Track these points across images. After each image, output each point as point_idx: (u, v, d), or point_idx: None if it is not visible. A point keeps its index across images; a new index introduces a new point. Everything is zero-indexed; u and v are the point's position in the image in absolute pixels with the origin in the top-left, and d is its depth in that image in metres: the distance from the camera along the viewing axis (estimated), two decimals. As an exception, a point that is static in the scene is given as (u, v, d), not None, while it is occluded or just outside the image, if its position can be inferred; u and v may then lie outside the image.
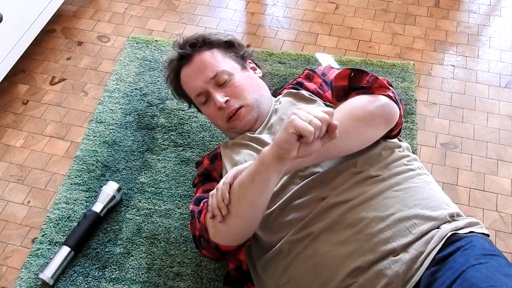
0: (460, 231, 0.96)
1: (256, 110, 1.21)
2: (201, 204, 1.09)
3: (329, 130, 0.87)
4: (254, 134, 1.20)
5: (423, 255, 0.93)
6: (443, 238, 0.94)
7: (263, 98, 1.24)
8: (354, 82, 1.09)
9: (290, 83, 1.30)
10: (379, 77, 1.07)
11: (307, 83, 1.25)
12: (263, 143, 1.15)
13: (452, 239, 0.94)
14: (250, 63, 1.34)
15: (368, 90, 1.06)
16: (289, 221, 1.04)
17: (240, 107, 1.20)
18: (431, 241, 0.94)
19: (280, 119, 1.18)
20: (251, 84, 1.25)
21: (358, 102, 1.04)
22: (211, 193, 1.03)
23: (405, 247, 0.94)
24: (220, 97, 1.19)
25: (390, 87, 1.07)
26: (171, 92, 1.39)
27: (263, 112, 1.23)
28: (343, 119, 1.00)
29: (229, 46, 1.30)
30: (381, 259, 0.94)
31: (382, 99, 1.04)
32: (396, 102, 1.06)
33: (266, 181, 0.94)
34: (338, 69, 1.30)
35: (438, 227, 0.97)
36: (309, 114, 0.86)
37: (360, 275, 0.93)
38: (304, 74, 1.30)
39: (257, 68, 1.35)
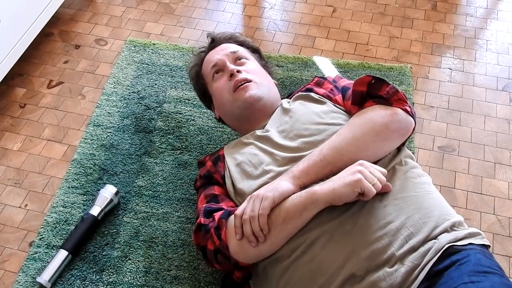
0: (458, 243, 0.95)
1: (263, 91, 1.26)
2: (216, 219, 1.09)
3: (382, 188, 0.99)
4: (262, 132, 1.22)
5: (419, 268, 0.92)
6: (439, 251, 0.94)
7: (272, 89, 1.31)
8: (373, 90, 1.11)
9: (299, 89, 1.33)
10: (399, 90, 1.09)
11: (317, 89, 1.28)
12: (271, 142, 1.17)
13: (449, 251, 0.94)
14: (269, 74, 1.42)
15: (386, 101, 1.09)
16: None
17: (250, 81, 1.25)
18: (428, 253, 0.94)
19: (290, 118, 1.20)
20: (265, 76, 1.34)
21: (377, 117, 1.07)
22: (237, 213, 1.04)
23: (401, 258, 0.94)
24: (233, 66, 1.29)
25: (407, 100, 1.10)
26: (190, 80, 1.49)
27: (268, 99, 1.27)
28: (363, 134, 1.05)
29: (254, 51, 1.43)
30: (377, 268, 0.93)
31: (400, 114, 1.07)
32: (412, 116, 1.09)
33: (311, 217, 1.00)
34: (347, 78, 1.33)
35: (436, 238, 0.96)
36: (373, 176, 0.97)
37: (354, 285, 0.93)
38: (314, 81, 1.33)
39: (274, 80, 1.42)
